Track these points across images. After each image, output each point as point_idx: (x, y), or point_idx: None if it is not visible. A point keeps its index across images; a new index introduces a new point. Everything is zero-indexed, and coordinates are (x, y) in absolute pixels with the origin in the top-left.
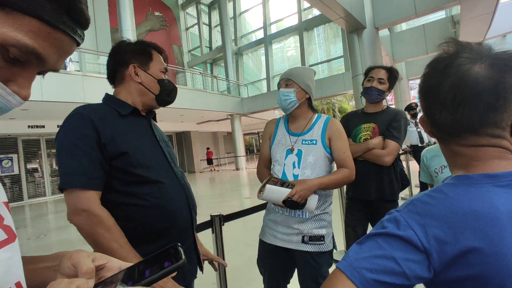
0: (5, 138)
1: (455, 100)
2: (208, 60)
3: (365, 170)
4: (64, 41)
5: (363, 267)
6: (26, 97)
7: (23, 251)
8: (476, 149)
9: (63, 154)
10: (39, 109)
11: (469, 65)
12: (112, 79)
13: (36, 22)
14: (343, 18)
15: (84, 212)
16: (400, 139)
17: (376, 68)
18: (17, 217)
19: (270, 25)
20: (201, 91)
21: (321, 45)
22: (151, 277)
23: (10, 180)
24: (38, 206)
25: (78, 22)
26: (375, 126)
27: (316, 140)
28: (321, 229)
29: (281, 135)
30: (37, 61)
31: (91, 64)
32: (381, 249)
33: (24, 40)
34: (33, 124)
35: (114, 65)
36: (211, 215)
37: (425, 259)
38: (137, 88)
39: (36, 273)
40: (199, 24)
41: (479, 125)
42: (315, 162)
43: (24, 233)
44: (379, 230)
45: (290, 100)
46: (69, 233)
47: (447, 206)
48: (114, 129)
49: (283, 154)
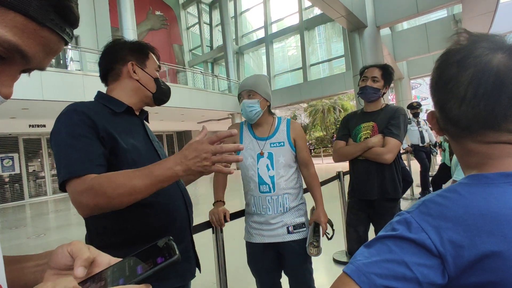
0: (6, 137)
1: (477, 93)
2: (209, 59)
3: (367, 169)
4: (51, 39)
5: (372, 272)
6: (8, 96)
7: (22, 250)
8: (492, 146)
9: (61, 149)
10: (39, 108)
11: (491, 55)
12: (105, 77)
13: (21, 18)
14: (344, 17)
15: (85, 191)
16: (400, 136)
17: (369, 67)
18: (17, 216)
19: (271, 25)
20: (202, 91)
21: (322, 44)
22: (143, 274)
23: (11, 179)
24: (39, 205)
25: (66, 20)
26: (374, 125)
27: (283, 141)
28: (301, 217)
29: (248, 141)
30: (21, 59)
31: (91, 63)
32: (391, 253)
33: (6, 36)
34: (34, 124)
35: (109, 61)
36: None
37: (439, 264)
38: (134, 86)
39: (25, 272)
40: (200, 23)
41: (502, 119)
42: (286, 162)
43: (24, 232)
44: (389, 232)
45: (256, 110)
46: (69, 232)
47: (462, 207)
48: (110, 125)
49: (255, 159)
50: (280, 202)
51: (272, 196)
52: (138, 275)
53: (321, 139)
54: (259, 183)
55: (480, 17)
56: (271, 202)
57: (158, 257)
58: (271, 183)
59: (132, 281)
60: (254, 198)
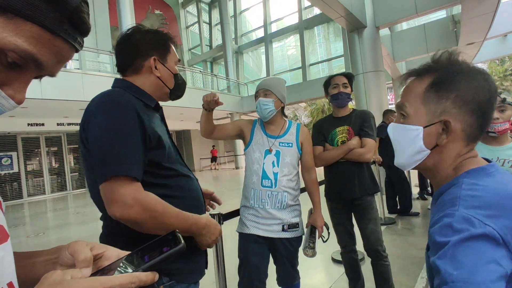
0: (4, 136)
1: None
2: (208, 58)
3: (348, 170)
4: (64, 48)
5: (485, 281)
6: (21, 101)
7: (22, 249)
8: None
9: (115, 141)
10: (39, 107)
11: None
12: (123, 68)
13: (37, 28)
14: (344, 17)
15: (137, 202)
16: (374, 136)
17: (336, 76)
18: (16, 215)
19: (271, 24)
20: (201, 90)
21: (322, 44)
22: (150, 262)
23: (9, 178)
24: (37, 204)
25: (79, 30)
26: (349, 128)
27: (292, 143)
28: (296, 217)
29: (259, 136)
30: (35, 67)
31: (90, 62)
32: (481, 254)
33: (24, 46)
34: (32, 122)
35: (129, 56)
36: (210, 214)
37: (508, 252)
38: (154, 82)
39: (36, 267)
40: (199, 23)
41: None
42: (291, 162)
43: (23, 231)
44: (461, 235)
45: (270, 109)
46: (68, 231)
47: (494, 193)
48: (150, 122)
49: (262, 154)
50: (278, 199)
51: (272, 192)
52: (146, 263)
53: None
54: (262, 177)
55: (479, 18)
56: (270, 197)
57: (164, 247)
58: (273, 179)
59: (138, 268)
60: (255, 191)
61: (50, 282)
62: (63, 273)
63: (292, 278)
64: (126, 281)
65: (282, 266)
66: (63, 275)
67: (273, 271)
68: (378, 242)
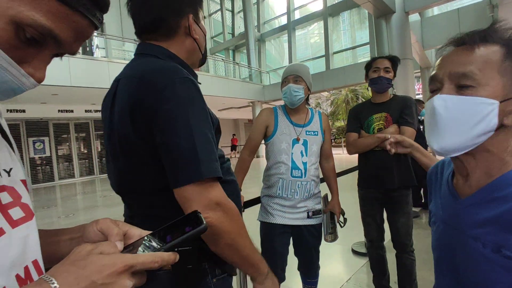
0: (37, 121)
1: None
2: (230, 46)
3: (385, 159)
4: (83, 24)
5: None
6: (41, 79)
7: (54, 228)
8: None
9: (195, 135)
10: (68, 94)
11: None
12: (152, 30)
13: (55, 3)
14: (371, 2)
15: (219, 206)
16: (414, 124)
17: (378, 58)
18: (49, 197)
19: (294, 11)
20: (223, 78)
21: (346, 31)
22: (172, 242)
23: (42, 161)
24: (67, 187)
25: (98, 5)
26: (387, 115)
27: (317, 131)
28: (318, 204)
29: (284, 126)
30: (53, 43)
31: (116, 50)
32: None
33: (41, 21)
34: (63, 109)
35: (159, 10)
36: None
37: None
38: (191, 47)
39: (60, 245)
40: (222, 10)
41: None
42: (317, 150)
43: (55, 212)
44: None
45: (300, 96)
46: (95, 213)
47: None
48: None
49: (290, 144)
50: (307, 188)
51: (302, 182)
52: (168, 242)
53: (342, 129)
54: (292, 168)
55: None
56: (300, 187)
57: (186, 226)
58: (303, 168)
59: (161, 248)
60: (284, 181)
61: (76, 256)
62: (93, 246)
63: (316, 267)
64: (148, 260)
65: (307, 255)
66: (92, 249)
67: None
68: (408, 236)
